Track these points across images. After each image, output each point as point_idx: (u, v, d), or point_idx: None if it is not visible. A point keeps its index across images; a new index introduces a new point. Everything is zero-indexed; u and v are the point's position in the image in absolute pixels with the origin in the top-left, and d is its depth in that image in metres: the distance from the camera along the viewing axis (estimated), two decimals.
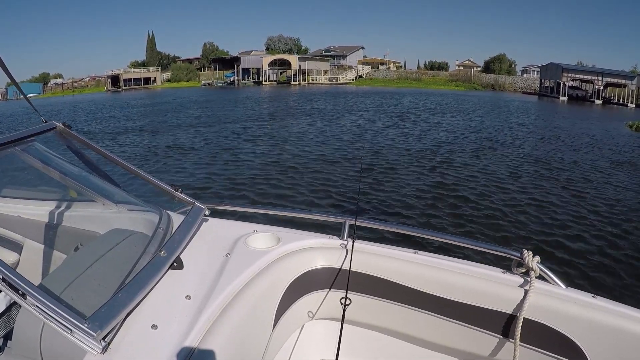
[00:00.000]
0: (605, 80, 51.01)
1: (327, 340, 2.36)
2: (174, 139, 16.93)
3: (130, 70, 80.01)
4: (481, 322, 1.98)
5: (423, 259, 2.13)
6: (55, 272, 1.96)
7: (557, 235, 6.85)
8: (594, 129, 22.62)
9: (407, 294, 2.12)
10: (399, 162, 12.29)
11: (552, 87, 56.89)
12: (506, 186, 9.84)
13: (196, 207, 2.39)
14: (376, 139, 16.66)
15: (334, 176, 10.53)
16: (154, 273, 1.74)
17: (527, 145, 15.84)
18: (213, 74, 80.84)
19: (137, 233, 2.10)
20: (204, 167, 11.78)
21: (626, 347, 1.70)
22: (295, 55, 75.55)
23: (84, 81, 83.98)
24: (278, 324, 2.05)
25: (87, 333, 1.34)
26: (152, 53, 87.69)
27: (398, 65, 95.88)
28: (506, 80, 71.88)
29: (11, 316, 2.15)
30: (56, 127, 2.27)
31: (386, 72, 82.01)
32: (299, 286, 2.20)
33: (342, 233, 2.32)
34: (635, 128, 23.35)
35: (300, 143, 15.56)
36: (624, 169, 12.39)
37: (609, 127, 24.31)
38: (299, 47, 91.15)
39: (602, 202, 8.81)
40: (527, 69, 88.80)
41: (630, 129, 23.59)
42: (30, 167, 2.21)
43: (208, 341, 1.53)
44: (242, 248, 2.15)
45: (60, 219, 2.51)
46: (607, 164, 12.94)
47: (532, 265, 1.87)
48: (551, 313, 1.83)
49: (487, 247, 2.13)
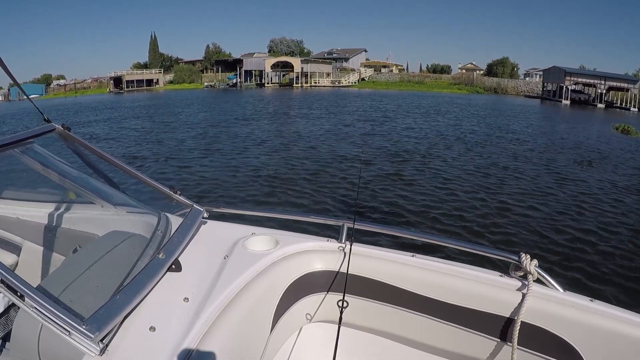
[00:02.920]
0: (608, 84, 50.89)
1: (324, 343, 2.36)
2: (174, 140, 16.99)
3: (133, 72, 79.98)
4: (479, 326, 1.98)
5: (421, 262, 2.13)
6: (54, 274, 1.96)
7: (555, 239, 6.84)
8: (593, 131, 22.70)
9: (405, 297, 2.12)
10: (398, 164, 12.33)
11: (554, 90, 56.86)
12: (505, 189, 9.84)
13: (195, 209, 2.39)
14: (376, 140, 16.69)
15: (332, 179, 10.55)
16: (152, 275, 1.74)
17: (527, 149, 15.83)
18: (216, 76, 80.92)
19: (136, 235, 2.10)
20: (201, 169, 11.82)
21: (624, 351, 1.69)
22: (297, 58, 75.68)
23: (86, 82, 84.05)
24: (276, 326, 2.05)
25: (85, 335, 1.34)
26: (154, 55, 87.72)
27: (400, 68, 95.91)
28: (509, 83, 71.83)
29: (9, 318, 2.15)
30: (55, 128, 2.28)
31: (389, 75, 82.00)
32: (297, 289, 2.20)
33: (341, 236, 2.31)
34: (621, 130, 23.54)
35: (299, 145, 15.59)
36: (609, 169, 12.45)
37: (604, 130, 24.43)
38: (302, 50, 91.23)
39: (600, 206, 8.80)
40: (530, 72, 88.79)
41: (616, 130, 23.77)
42: (29, 168, 2.21)
43: (206, 343, 1.53)
44: (241, 250, 2.15)
45: (59, 221, 2.52)
46: (601, 167, 12.97)
47: (530, 269, 1.87)
48: (549, 316, 1.83)
49: (485, 250, 2.12)
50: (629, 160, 14.31)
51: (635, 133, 22.63)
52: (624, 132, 23.11)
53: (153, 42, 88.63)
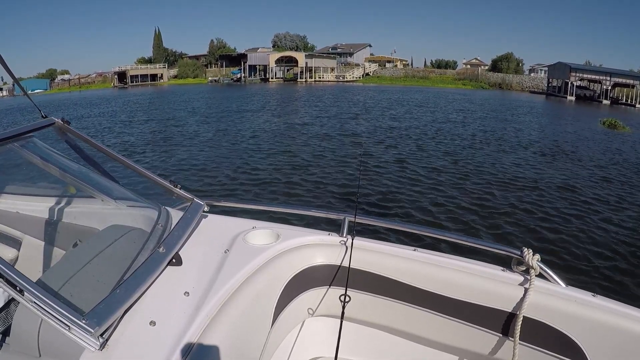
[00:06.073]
0: (614, 81, 50.48)
1: (326, 337, 2.36)
2: (175, 134, 17.05)
3: (137, 67, 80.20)
4: (481, 320, 1.98)
5: (423, 256, 2.12)
6: (54, 268, 1.96)
7: (557, 233, 6.83)
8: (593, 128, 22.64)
9: (407, 291, 2.11)
10: (400, 157, 12.33)
11: (559, 86, 56.49)
12: (507, 184, 9.82)
13: (195, 203, 2.38)
14: (377, 134, 16.69)
15: (333, 172, 10.56)
16: (152, 269, 1.74)
17: (529, 144, 15.79)
18: (220, 71, 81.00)
19: (136, 229, 2.09)
20: (202, 162, 11.86)
21: (626, 346, 1.69)
22: (302, 53, 75.47)
23: (90, 77, 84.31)
24: (277, 320, 2.04)
25: (85, 329, 1.33)
26: (158, 49, 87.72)
27: (405, 63, 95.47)
28: (513, 79, 71.47)
29: (9, 312, 2.16)
30: (55, 122, 2.27)
31: (393, 70, 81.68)
32: (298, 283, 2.20)
33: (342, 230, 2.31)
34: (608, 125, 23.49)
35: (300, 138, 15.64)
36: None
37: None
38: (306, 45, 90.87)
39: (603, 201, 8.79)
40: (535, 68, 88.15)
41: (603, 125, 23.74)
42: (28, 163, 2.21)
43: (207, 337, 1.52)
44: (241, 244, 2.14)
45: (59, 215, 2.52)
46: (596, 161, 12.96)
47: (532, 264, 1.86)
48: (551, 311, 1.82)
49: (487, 245, 2.11)
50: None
51: (622, 127, 22.61)
52: (611, 126, 23.07)
53: (157, 37, 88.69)
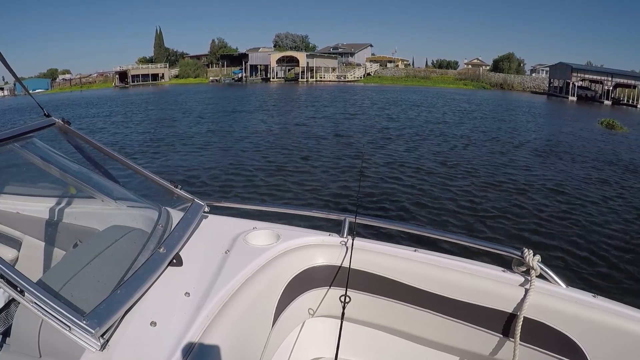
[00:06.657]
0: (615, 81, 50.24)
1: (326, 337, 2.36)
2: (176, 134, 17.05)
3: (138, 67, 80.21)
4: (481, 321, 1.97)
5: (423, 257, 2.12)
6: (54, 269, 1.95)
7: (558, 234, 6.82)
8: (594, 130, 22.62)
9: (407, 292, 2.11)
10: (400, 158, 12.32)
11: (561, 87, 56.32)
12: (507, 184, 9.82)
13: (195, 203, 2.38)
14: (378, 135, 16.68)
15: (334, 173, 10.56)
16: (153, 270, 1.74)
17: (531, 145, 15.78)
18: (221, 71, 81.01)
19: (136, 230, 2.09)
20: (202, 162, 11.86)
21: (626, 347, 1.69)
22: (303, 53, 75.43)
23: (91, 77, 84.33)
24: (277, 321, 2.04)
25: (86, 330, 1.33)
26: (160, 49, 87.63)
27: (406, 63, 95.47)
28: (515, 79, 71.35)
29: (10, 313, 2.16)
30: (55, 123, 2.27)
31: (394, 70, 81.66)
32: (298, 283, 2.19)
33: (342, 230, 2.31)
34: (606, 125, 23.43)
35: (301, 138, 15.64)
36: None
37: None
38: (307, 45, 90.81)
39: (603, 201, 8.78)
40: (536, 68, 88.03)
41: (601, 125, 23.70)
42: (29, 163, 2.21)
43: (207, 338, 1.52)
44: (242, 245, 2.14)
45: (59, 216, 2.51)
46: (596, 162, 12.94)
47: (533, 264, 1.86)
48: (551, 312, 1.82)
49: (488, 245, 2.11)
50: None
51: (620, 128, 22.55)
52: (609, 126, 22.99)
53: (158, 36, 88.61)
